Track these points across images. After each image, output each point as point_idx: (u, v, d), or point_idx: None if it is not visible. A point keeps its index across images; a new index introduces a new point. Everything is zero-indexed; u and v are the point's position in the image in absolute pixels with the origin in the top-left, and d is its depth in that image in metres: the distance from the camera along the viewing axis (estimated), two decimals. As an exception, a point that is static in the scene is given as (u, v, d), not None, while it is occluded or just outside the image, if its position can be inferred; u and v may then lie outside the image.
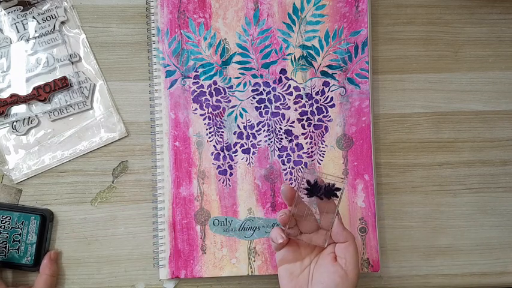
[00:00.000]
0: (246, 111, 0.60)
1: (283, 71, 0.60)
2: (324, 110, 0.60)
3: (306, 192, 0.52)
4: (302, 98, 0.60)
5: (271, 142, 0.60)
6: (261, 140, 0.60)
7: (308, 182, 0.52)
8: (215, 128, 0.60)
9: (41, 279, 0.57)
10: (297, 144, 0.60)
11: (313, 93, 0.60)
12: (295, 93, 0.60)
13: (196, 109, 0.60)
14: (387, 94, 0.62)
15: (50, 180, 0.60)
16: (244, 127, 0.60)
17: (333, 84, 0.60)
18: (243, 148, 0.60)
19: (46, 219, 0.58)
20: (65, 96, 0.60)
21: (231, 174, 0.60)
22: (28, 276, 0.59)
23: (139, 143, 0.61)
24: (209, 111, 0.60)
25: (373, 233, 0.59)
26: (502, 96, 0.62)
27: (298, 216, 0.53)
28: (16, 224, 0.57)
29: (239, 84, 0.60)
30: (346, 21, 0.60)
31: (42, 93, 0.59)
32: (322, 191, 0.51)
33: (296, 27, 0.60)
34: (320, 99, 0.60)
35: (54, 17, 0.60)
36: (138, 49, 0.61)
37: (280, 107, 0.60)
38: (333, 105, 0.60)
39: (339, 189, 0.51)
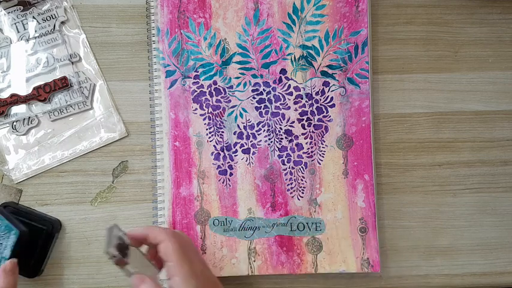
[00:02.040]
0: (246, 111, 0.60)
1: (283, 71, 0.60)
2: (324, 110, 0.60)
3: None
4: (302, 98, 0.60)
5: (271, 142, 0.60)
6: (261, 140, 0.60)
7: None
8: (215, 128, 0.60)
9: None
10: (297, 144, 0.60)
11: (313, 93, 0.60)
12: (295, 93, 0.60)
13: (196, 109, 0.60)
14: (387, 94, 0.62)
15: (50, 180, 0.60)
16: (244, 127, 0.60)
17: (333, 84, 0.60)
18: (243, 148, 0.60)
19: (23, 236, 0.53)
20: (65, 96, 0.60)
21: (231, 174, 0.60)
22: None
23: (139, 143, 0.61)
24: (209, 111, 0.60)
25: (373, 233, 0.59)
26: (502, 96, 0.62)
27: None
28: None
29: (239, 84, 0.60)
30: (346, 21, 0.60)
31: (42, 93, 0.59)
32: None
33: (296, 27, 0.60)
34: (320, 99, 0.60)
35: (54, 17, 0.60)
36: (138, 49, 0.61)
37: (280, 107, 0.60)
38: (333, 105, 0.60)
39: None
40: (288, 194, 0.60)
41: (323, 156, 0.60)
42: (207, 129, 0.60)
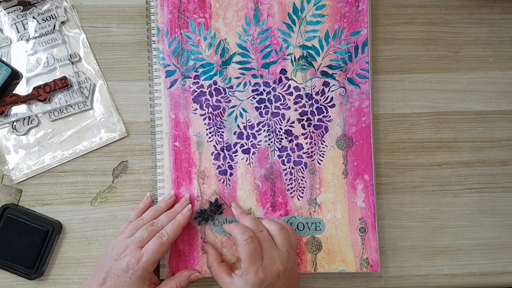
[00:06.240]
0: (246, 111, 0.60)
1: (283, 71, 0.60)
2: (324, 110, 0.60)
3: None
4: (302, 98, 0.60)
5: (271, 142, 0.60)
6: (261, 140, 0.60)
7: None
8: (215, 128, 0.60)
9: None
10: (297, 145, 0.60)
11: (313, 93, 0.60)
12: (295, 93, 0.60)
13: (196, 109, 0.60)
14: (387, 94, 0.62)
15: (50, 180, 0.60)
16: (244, 127, 0.60)
17: (333, 84, 0.60)
18: (243, 148, 0.60)
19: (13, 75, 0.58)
20: (65, 96, 0.60)
21: (231, 174, 0.60)
22: None
23: (139, 143, 0.61)
24: (209, 111, 0.60)
25: (372, 233, 0.59)
26: (502, 96, 0.62)
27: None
28: None
29: (239, 84, 0.60)
30: (346, 21, 0.60)
31: (42, 93, 0.59)
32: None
33: (296, 27, 0.60)
34: (320, 99, 0.60)
35: (54, 17, 0.60)
36: (138, 49, 0.61)
37: (280, 107, 0.60)
38: (333, 105, 0.60)
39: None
40: (288, 194, 0.60)
41: (323, 156, 0.60)
42: (207, 129, 0.60)
